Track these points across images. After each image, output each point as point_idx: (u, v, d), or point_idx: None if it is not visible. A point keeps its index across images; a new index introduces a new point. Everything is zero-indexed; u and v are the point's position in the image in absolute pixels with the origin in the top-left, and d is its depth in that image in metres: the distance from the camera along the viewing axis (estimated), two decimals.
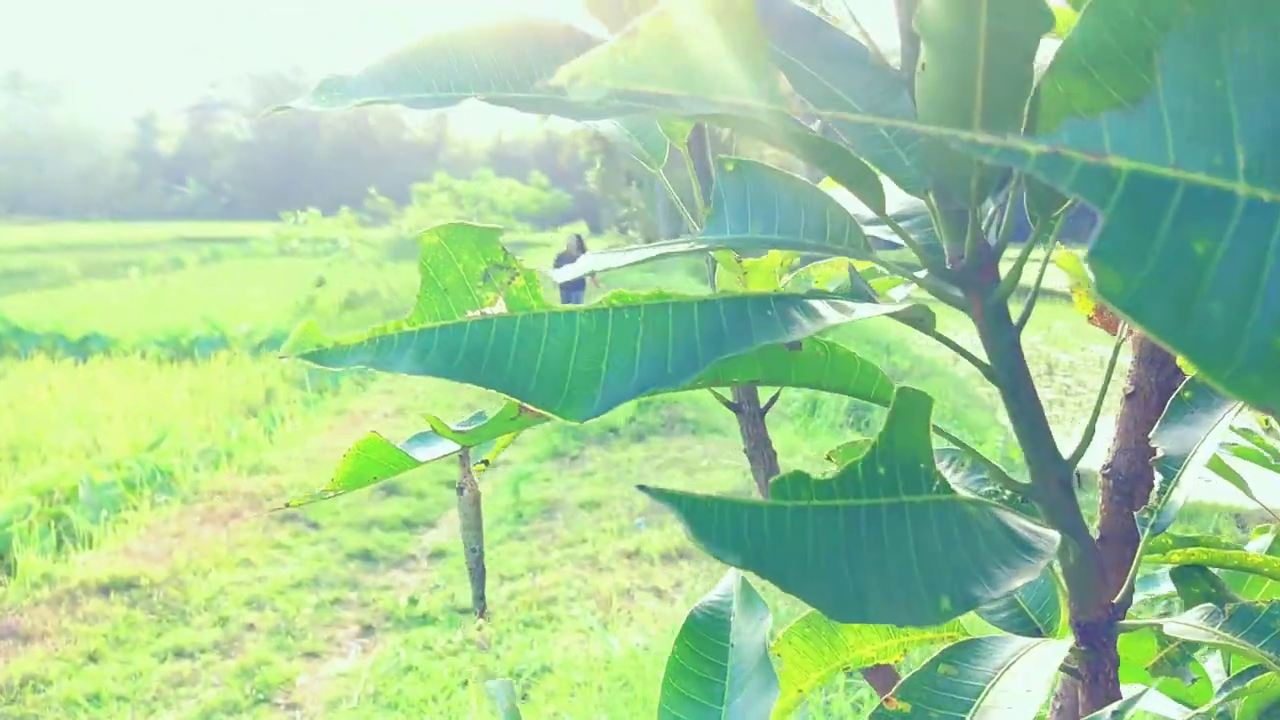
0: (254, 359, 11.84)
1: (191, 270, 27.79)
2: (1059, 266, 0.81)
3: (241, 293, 19.68)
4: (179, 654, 4.20)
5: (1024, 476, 0.55)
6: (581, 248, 13.72)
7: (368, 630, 4.62)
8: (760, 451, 1.06)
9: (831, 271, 0.86)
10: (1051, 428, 0.53)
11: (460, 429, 0.58)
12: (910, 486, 0.43)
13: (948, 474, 0.58)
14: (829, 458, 0.72)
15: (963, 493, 0.45)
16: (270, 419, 8.56)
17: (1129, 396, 0.86)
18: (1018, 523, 0.46)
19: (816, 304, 0.46)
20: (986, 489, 0.65)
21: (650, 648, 4.12)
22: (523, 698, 3.90)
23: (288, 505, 0.66)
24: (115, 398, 9.41)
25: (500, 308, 0.45)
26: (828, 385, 0.56)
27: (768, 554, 0.40)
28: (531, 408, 0.44)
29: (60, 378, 10.39)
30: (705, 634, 0.67)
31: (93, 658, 4.10)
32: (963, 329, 0.55)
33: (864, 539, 0.41)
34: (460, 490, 0.66)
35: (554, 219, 43.84)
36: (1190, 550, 0.71)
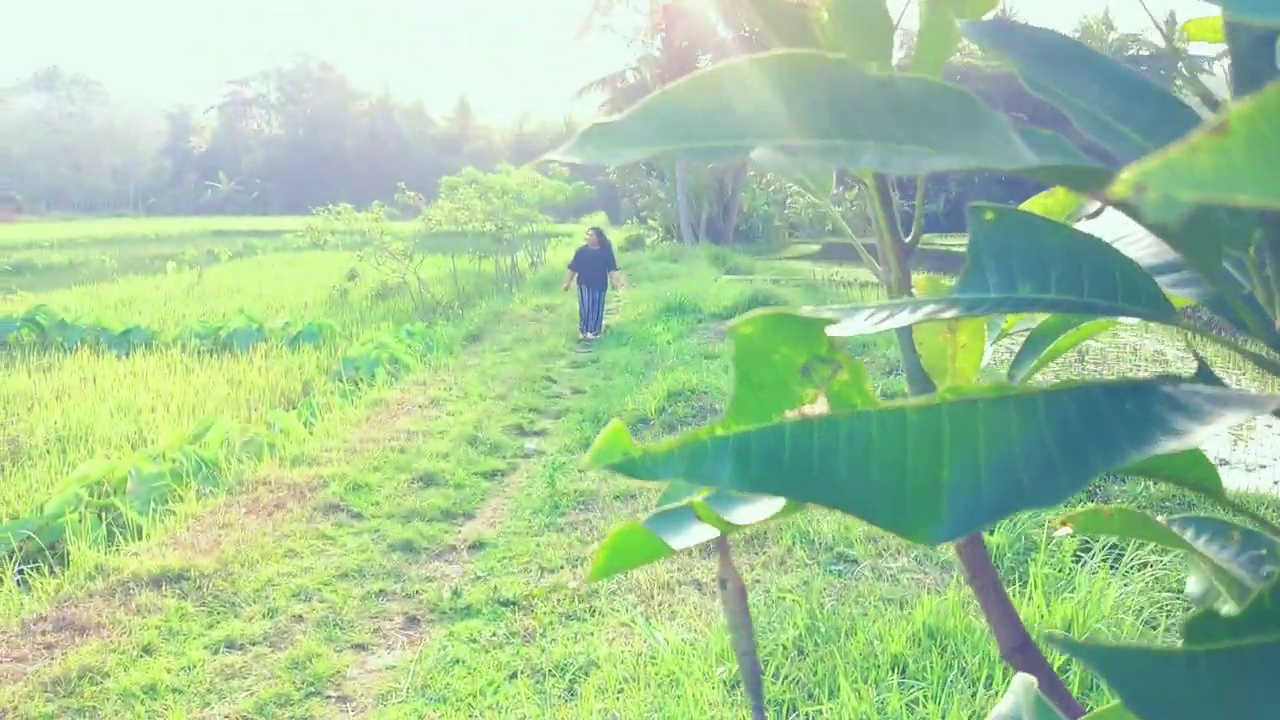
0: (291, 351, 11.97)
1: (226, 264, 28.07)
2: None
3: (276, 286, 19.86)
4: (230, 646, 4.24)
5: None
6: (601, 240, 13.88)
7: (413, 622, 4.65)
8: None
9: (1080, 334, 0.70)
10: None
11: (727, 512, 0.53)
12: None
13: None
14: (1063, 523, 0.65)
15: None
16: (309, 410, 8.63)
17: None
18: None
19: (1187, 397, 0.39)
20: None
21: (696, 644, 4.12)
22: (570, 693, 3.92)
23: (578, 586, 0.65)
24: (158, 390, 9.53)
25: (821, 406, 0.40)
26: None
27: (1185, 709, 0.34)
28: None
29: (104, 370, 10.53)
30: None
31: (147, 650, 4.14)
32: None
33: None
34: (723, 584, 0.58)
35: (575, 209, 43.82)
36: None
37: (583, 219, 52.93)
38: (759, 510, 0.52)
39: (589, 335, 13.49)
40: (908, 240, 0.65)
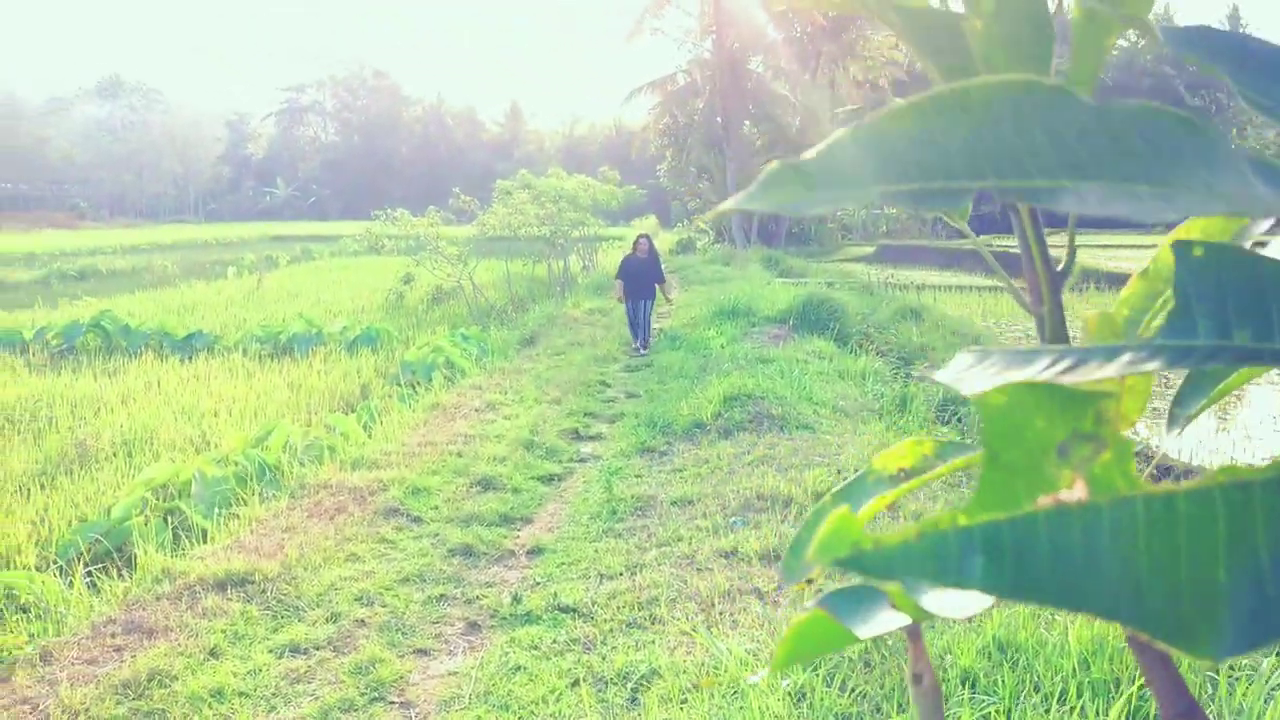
0: (349, 355, 12.11)
1: (284, 269, 28.51)
2: None
3: (333, 290, 20.12)
4: (294, 650, 4.27)
5: None
6: (650, 249, 13.22)
7: (474, 627, 4.65)
8: None
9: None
10: None
11: (927, 598, 0.45)
12: None
13: None
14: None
15: None
16: (367, 413, 8.72)
17: None
18: None
19: None
20: None
21: (759, 654, 4.07)
22: (632, 702, 3.89)
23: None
24: (220, 394, 9.69)
25: (1080, 491, 0.35)
26: None
27: None
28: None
29: (168, 375, 10.74)
30: None
31: (213, 653, 4.18)
32: None
33: None
34: (917, 680, 0.53)
35: (626, 213, 43.89)
36: None
37: (634, 222, 53.01)
38: (968, 601, 0.43)
39: (639, 349, 12.98)
40: (1060, 269, 0.61)
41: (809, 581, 0.62)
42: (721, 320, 14.64)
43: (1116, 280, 17.55)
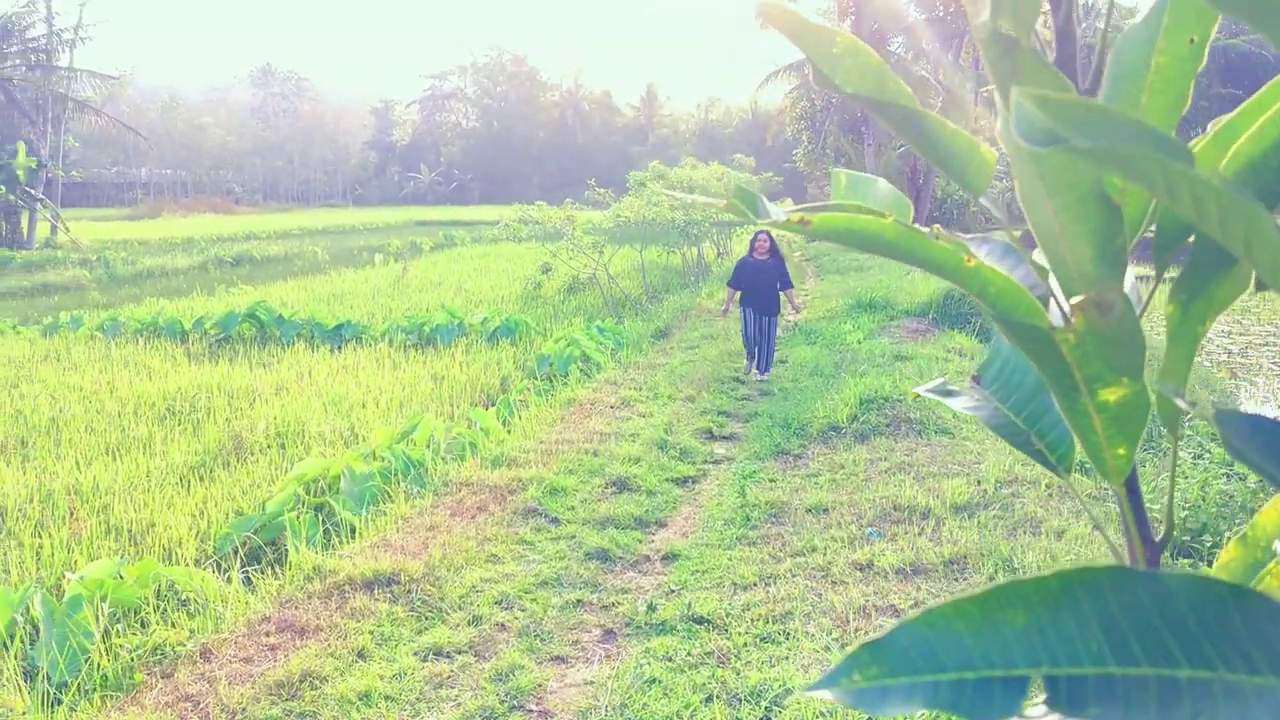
0: (490, 346, 12.41)
1: (427, 255, 29.39)
2: None
3: (474, 279, 20.63)
4: (438, 653, 4.41)
5: None
6: (773, 249, 10.50)
7: (609, 635, 4.72)
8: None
9: None
10: None
11: None
12: None
13: None
14: None
15: None
16: (506, 408, 8.91)
17: None
18: None
19: None
20: None
21: None
22: None
23: None
24: (367, 385, 10.06)
25: None
26: None
27: None
28: None
29: (318, 365, 11.20)
30: None
31: (361, 654, 4.35)
32: None
33: None
34: None
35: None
36: None
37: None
38: None
39: (758, 374, 10.50)
40: None
41: None
42: (858, 313, 14.40)
43: None
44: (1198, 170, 0.38)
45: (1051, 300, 0.56)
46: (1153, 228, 0.62)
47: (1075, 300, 0.51)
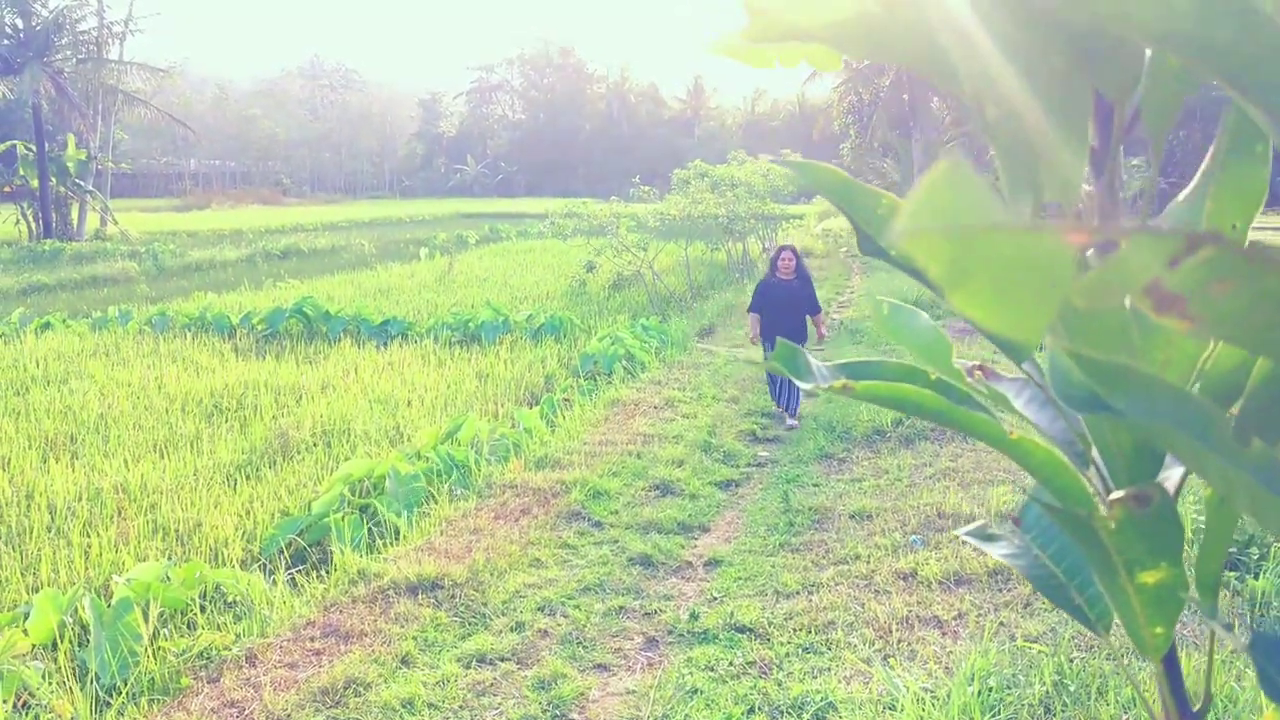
0: (534, 344, 12.44)
1: (473, 249, 29.55)
2: None
3: (519, 275, 20.70)
4: (481, 660, 4.42)
5: None
6: (799, 269, 8.95)
7: (652, 643, 4.71)
8: None
9: None
10: None
11: None
12: None
13: None
14: None
15: None
16: (550, 408, 8.93)
17: None
18: None
19: None
20: None
21: (937, 693, 3.97)
22: None
23: None
24: (413, 383, 10.12)
25: None
26: None
27: None
28: None
29: (364, 362, 11.28)
30: None
31: (405, 660, 4.38)
32: None
33: None
34: None
35: (808, 192, 43.28)
36: None
37: (815, 200, 52.35)
38: None
39: (785, 416, 8.95)
40: None
41: None
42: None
43: None
44: (1228, 459, 0.38)
45: (1093, 469, 0.55)
46: None
47: (1114, 496, 0.50)
